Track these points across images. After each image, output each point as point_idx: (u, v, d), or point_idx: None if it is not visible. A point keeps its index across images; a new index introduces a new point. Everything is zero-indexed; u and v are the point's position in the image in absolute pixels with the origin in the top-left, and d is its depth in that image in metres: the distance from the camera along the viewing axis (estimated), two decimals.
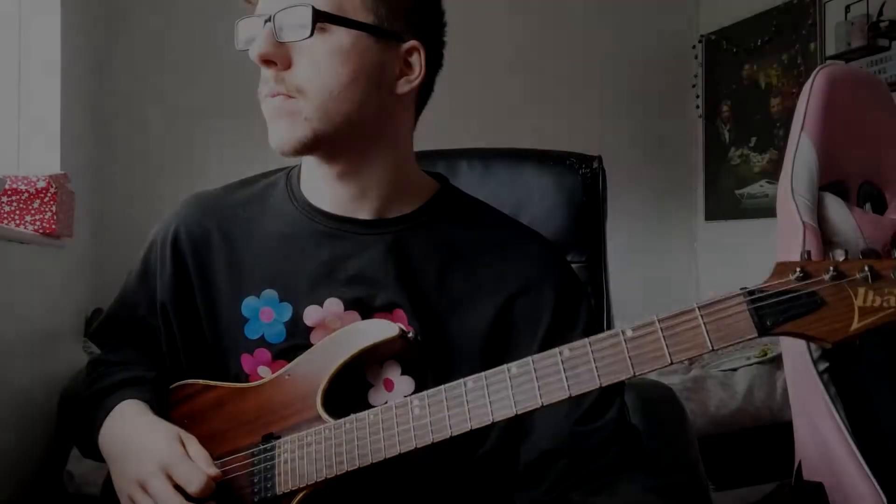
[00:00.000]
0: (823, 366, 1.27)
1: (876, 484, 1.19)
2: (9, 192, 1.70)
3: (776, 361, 2.75)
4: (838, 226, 1.30)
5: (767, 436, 2.51)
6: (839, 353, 1.30)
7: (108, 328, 1.02)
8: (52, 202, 1.73)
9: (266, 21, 0.82)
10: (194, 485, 0.79)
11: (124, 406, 0.89)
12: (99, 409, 0.91)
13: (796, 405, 1.35)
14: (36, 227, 1.72)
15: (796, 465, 1.37)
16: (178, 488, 0.80)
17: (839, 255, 0.67)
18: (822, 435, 1.26)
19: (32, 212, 1.72)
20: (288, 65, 0.82)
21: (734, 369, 2.73)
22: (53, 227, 1.73)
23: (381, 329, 0.84)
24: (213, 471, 0.81)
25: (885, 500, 1.18)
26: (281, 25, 0.81)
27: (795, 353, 1.30)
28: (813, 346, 1.27)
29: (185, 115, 2.99)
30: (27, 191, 1.71)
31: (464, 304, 0.89)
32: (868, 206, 1.50)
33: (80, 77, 2.41)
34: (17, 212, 1.71)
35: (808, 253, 0.69)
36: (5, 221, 1.70)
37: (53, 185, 1.73)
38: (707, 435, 2.42)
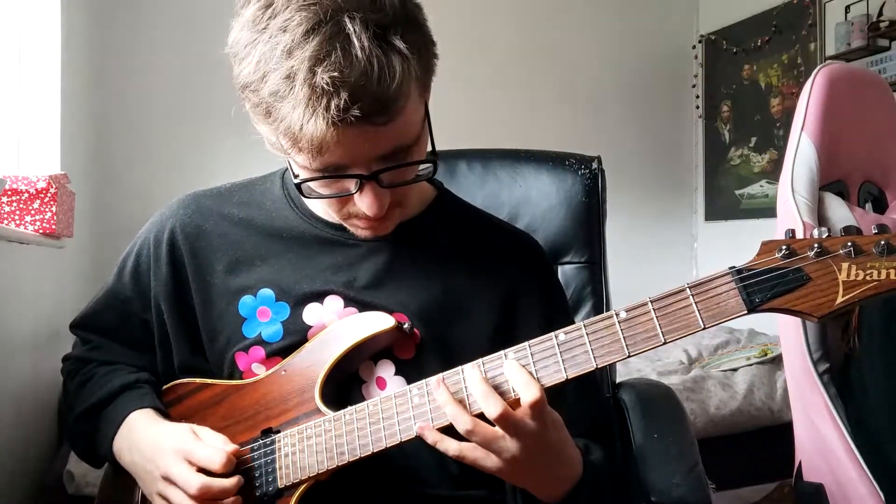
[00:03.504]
0: (823, 366, 1.27)
1: (875, 485, 1.19)
2: (9, 192, 1.70)
3: (776, 361, 2.75)
4: (839, 226, 1.29)
5: (767, 436, 2.51)
6: (839, 354, 1.30)
7: (94, 322, 1.01)
8: (52, 202, 1.73)
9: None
10: (216, 462, 0.80)
11: (135, 416, 0.89)
12: (104, 420, 0.91)
13: (796, 405, 1.35)
14: (36, 227, 1.72)
15: (796, 465, 1.37)
16: (202, 471, 0.81)
17: (822, 233, 0.67)
18: (822, 435, 1.26)
19: (32, 212, 1.72)
20: None
21: (734, 369, 2.73)
22: (53, 227, 1.73)
23: (378, 321, 0.85)
24: (232, 447, 0.83)
25: (884, 501, 1.18)
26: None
27: (795, 353, 1.30)
28: (813, 346, 1.27)
29: (186, 114, 2.99)
30: (27, 191, 1.71)
31: (465, 308, 0.90)
32: (869, 205, 1.49)
33: (80, 77, 2.41)
34: (17, 212, 1.71)
35: (793, 231, 0.69)
36: (5, 221, 1.70)
37: (53, 185, 1.73)
38: (707, 435, 2.42)
